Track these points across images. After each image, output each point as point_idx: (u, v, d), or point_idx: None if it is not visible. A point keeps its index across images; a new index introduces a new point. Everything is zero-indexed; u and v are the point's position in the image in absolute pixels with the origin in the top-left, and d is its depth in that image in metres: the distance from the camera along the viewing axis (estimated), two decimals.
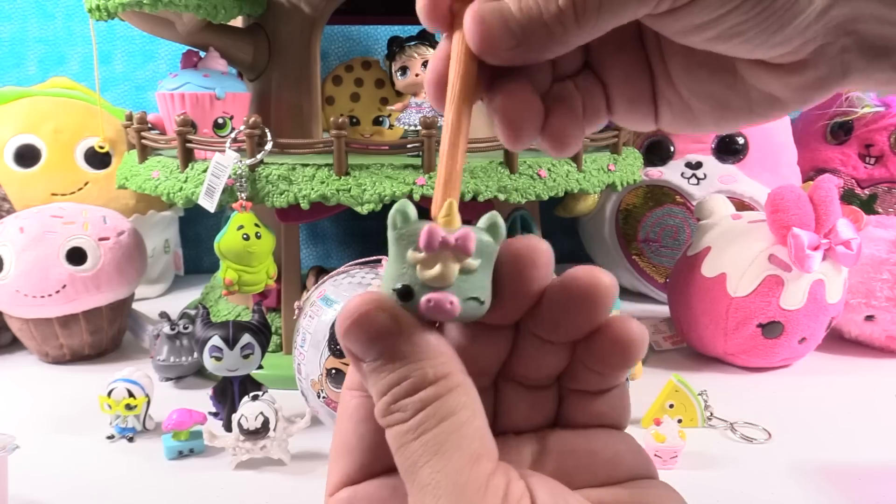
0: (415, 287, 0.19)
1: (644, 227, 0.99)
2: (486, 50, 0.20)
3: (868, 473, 0.56)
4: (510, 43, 0.20)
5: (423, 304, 0.18)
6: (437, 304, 0.18)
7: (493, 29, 0.20)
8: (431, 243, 0.18)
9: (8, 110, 0.98)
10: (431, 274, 0.18)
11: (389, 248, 0.19)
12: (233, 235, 0.65)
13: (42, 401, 0.70)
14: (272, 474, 0.56)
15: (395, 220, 0.19)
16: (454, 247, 0.18)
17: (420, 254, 0.18)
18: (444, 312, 0.18)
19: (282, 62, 0.78)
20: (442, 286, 0.18)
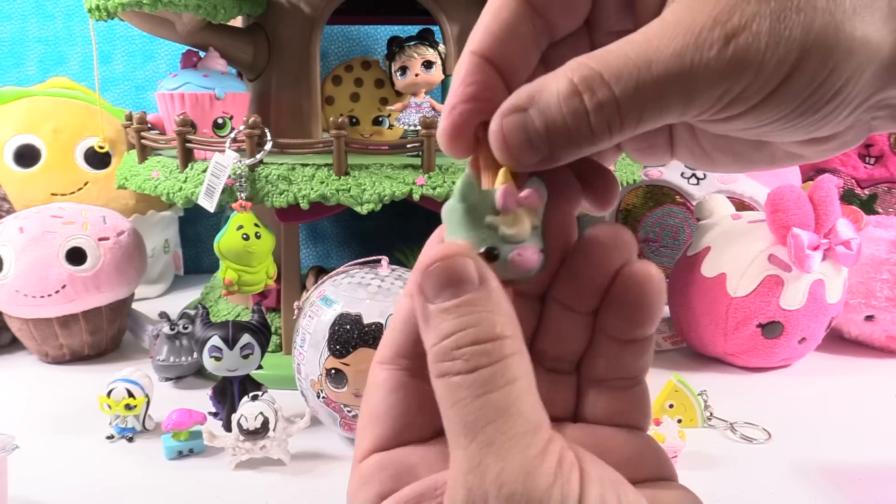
0: (499, 247, 0.20)
1: (644, 227, 0.99)
2: (512, 165, 0.20)
3: (868, 473, 0.56)
4: (535, 158, 0.20)
5: (513, 257, 0.20)
6: (524, 256, 0.20)
7: (517, 148, 0.20)
8: (508, 203, 0.20)
9: (8, 110, 0.98)
10: (514, 230, 0.20)
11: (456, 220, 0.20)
12: (232, 235, 0.65)
13: (42, 401, 0.70)
14: (272, 474, 0.56)
15: (465, 193, 0.20)
16: (528, 203, 0.20)
17: (498, 216, 0.20)
18: (530, 262, 0.20)
19: (282, 62, 0.78)
20: (522, 240, 0.20)
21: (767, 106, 0.19)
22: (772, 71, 0.18)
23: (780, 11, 0.18)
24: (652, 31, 0.19)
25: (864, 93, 0.19)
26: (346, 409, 0.57)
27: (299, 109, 0.78)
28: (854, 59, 0.18)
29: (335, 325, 0.55)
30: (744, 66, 0.18)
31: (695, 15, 0.18)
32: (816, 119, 0.20)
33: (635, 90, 0.18)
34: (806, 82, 0.18)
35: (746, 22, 0.18)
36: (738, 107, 0.19)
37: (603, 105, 0.19)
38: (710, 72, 0.18)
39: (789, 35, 0.18)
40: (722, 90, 0.18)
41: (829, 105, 0.19)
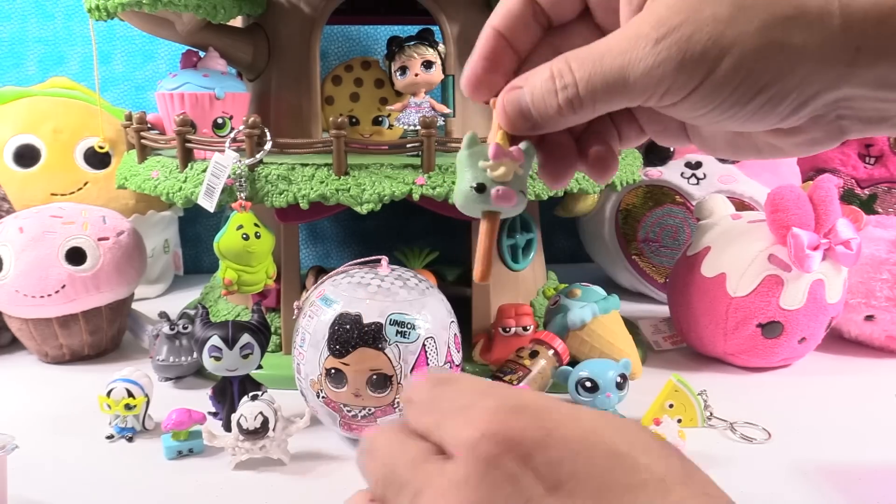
0: (486, 184, 0.27)
1: (644, 227, 0.99)
2: (509, 128, 0.27)
3: (868, 473, 0.56)
4: (526, 125, 0.27)
5: (494, 193, 0.27)
6: (504, 193, 0.27)
7: (513, 116, 0.27)
8: (498, 154, 0.27)
9: (8, 110, 0.98)
10: (499, 173, 0.27)
11: (462, 162, 0.28)
12: (232, 235, 0.65)
13: (41, 401, 0.70)
14: (271, 474, 0.56)
15: (468, 143, 0.28)
16: (512, 156, 0.27)
17: (489, 161, 0.27)
18: (508, 199, 0.27)
19: (281, 62, 0.78)
20: (505, 182, 0.27)
21: (697, 97, 0.24)
22: (692, 69, 0.23)
23: (701, 22, 0.22)
24: (616, 35, 0.24)
25: (802, 89, 0.23)
26: (345, 408, 0.57)
27: (299, 109, 0.78)
28: (776, 60, 0.22)
29: (335, 325, 0.55)
30: (666, 64, 0.23)
31: (642, 22, 0.24)
32: (753, 110, 0.24)
33: (589, 78, 0.24)
34: (725, 80, 0.23)
35: (672, 29, 0.23)
36: (671, 97, 0.24)
37: (566, 87, 0.25)
38: (642, 67, 0.23)
39: (707, 41, 0.22)
40: (653, 82, 0.23)
41: (760, 97, 0.23)
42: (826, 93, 0.23)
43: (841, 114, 0.24)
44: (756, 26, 0.22)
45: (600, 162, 0.29)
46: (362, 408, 0.56)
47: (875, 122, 0.24)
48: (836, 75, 0.22)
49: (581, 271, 1.10)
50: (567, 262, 1.22)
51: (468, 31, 0.77)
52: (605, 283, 0.83)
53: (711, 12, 0.22)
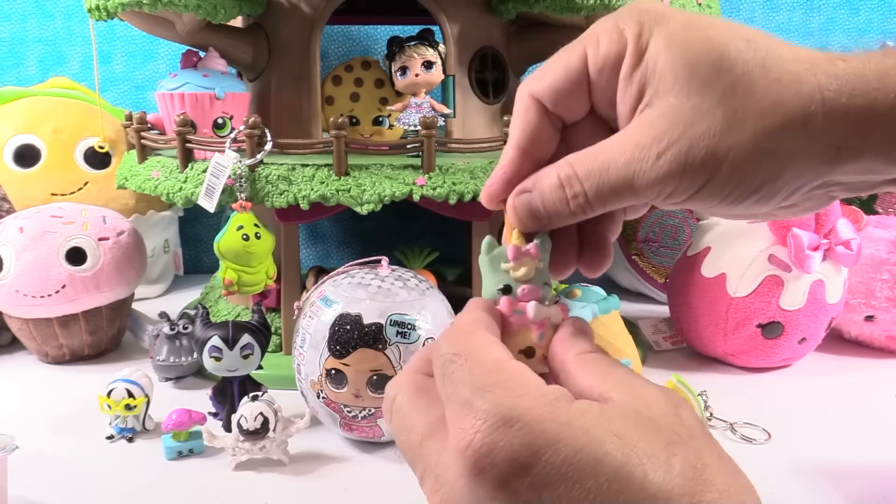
0: (511, 285, 0.29)
1: (644, 227, 0.99)
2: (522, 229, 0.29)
3: (868, 473, 0.56)
4: (537, 225, 0.29)
5: (520, 292, 0.29)
6: (529, 291, 0.29)
7: (524, 217, 0.29)
8: (517, 255, 0.29)
9: (8, 110, 0.98)
10: (521, 273, 0.29)
11: (484, 267, 0.30)
12: (232, 235, 0.65)
13: (42, 401, 0.70)
14: (272, 475, 0.56)
15: (486, 249, 0.30)
16: (531, 254, 0.29)
17: (510, 263, 0.29)
18: (534, 295, 0.29)
19: (282, 62, 0.78)
20: (527, 280, 0.29)
21: (698, 199, 0.26)
22: (692, 178, 0.25)
23: (699, 136, 0.25)
24: (615, 142, 0.27)
25: (791, 185, 0.26)
26: (346, 409, 0.57)
27: (299, 109, 0.78)
28: (767, 166, 0.25)
29: (335, 326, 0.55)
30: (669, 176, 0.25)
31: (641, 134, 0.26)
32: (749, 205, 0.26)
33: (597, 188, 0.27)
34: (722, 185, 0.25)
35: (672, 144, 0.25)
36: (674, 199, 0.27)
37: (577, 195, 0.27)
38: (647, 178, 0.26)
39: (704, 154, 0.25)
40: (657, 189, 0.26)
41: (755, 196, 0.26)
42: (813, 182, 0.26)
43: (830, 190, 0.27)
44: (747, 137, 0.24)
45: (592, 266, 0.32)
46: (363, 408, 0.56)
47: (862, 190, 0.27)
48: (821, 171, 0.25)
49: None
50: None
51: (468, 31, 0.77)
52: (605, 283, 0.83)
53: (707, 126, 0.25)
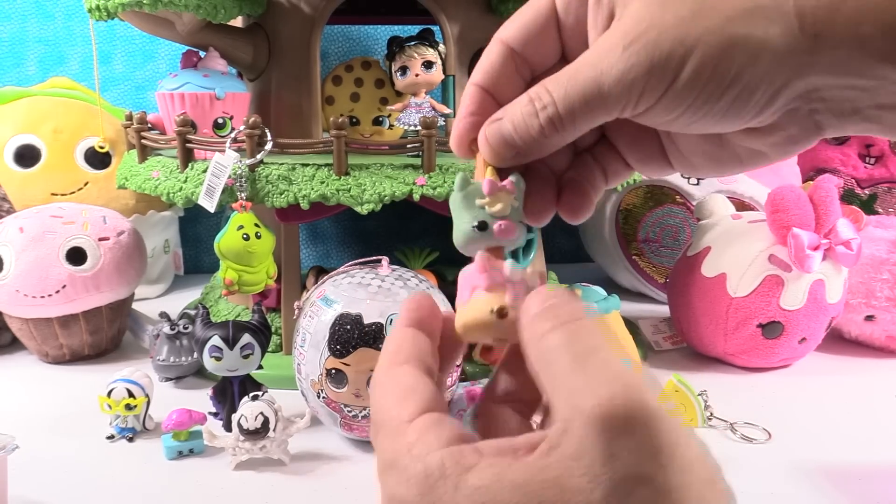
0: (487, 220, 0.27)
1: (644, 227, 0.99)
2: (495, 161, 0.27)
3: (868, 473, 0.56)
4: (511, 153, 0.27)
5: (496, 228, 0.27)
6: (506, 227, 0.27)
7: (496, 146, 0.27)
8: (492, 189, 0.27)
9: (8, 110, 0.98)
10: (497, 208, 0.27)
11: (457, 204, 0.28)
12: (233, 235, 0.65)
13: (42, 401, 0.70)
14: (272, 474, 0.56)
15: (460, 185, 0.27)
16: (507, 189, 0.27)
17: (485, 198, 0.27)
18: (511, 231, 0.27)
19: (282, 62, 0.78)
20: (504, 215, 0.27)
21: (670, 98, 0.24)
22: (661, 70, 0.23)
23: (665, 25, 0.23)
24: (585, 53, 0.25)
25: (770, 80, 0.23)
26: (346, 409, 0.57)
27: (299, 109, 0.78)
28: (738, 53, 0.23)
29: (335, 326, 0.55)
30: (637, 69, 0.24)
31: (610, 36, 0.24)
32: (724, 106, 0.24)
33: (565, 94, 0.25)
34: (694, 77, 0.23)
35: (638, 36, 0.24)
36: (646, 101, 0.24)
37: (546, 106, 0.25)
38: (614, 74, 0.24)
39: (673, 40, 0.23)
40: (626, 88, 0.24)
41: (730, 91, 0.24)
42: (794, 82, 0.24)
43: (814, 107, 0.25)
44: (716, 23, 0.23)
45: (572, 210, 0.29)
46: (363, 408, 0.56)
47: (848, 114, 0.24)
48: (800, 63, 0.23)
49: (581, 271, 1.10)
50: (567, 262, 1.22)
51: (468, 31, 0.77)
52: (605, 283, 0.83)
53: (673, 15, 0.23)
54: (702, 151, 0.28)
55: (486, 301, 0.26)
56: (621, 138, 0.30)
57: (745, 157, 0.28)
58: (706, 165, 0.29)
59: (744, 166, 0.28)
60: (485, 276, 0.26)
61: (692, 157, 0.29)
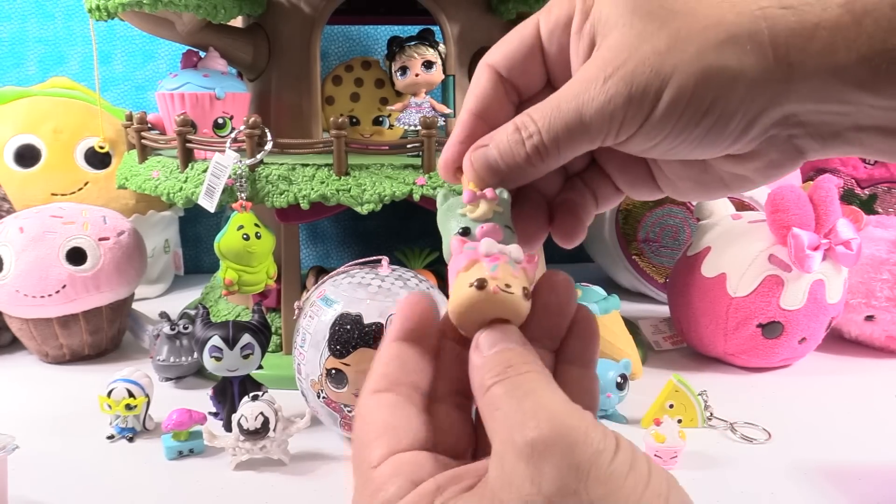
0: (470, 226, 0.27)
1: (644, 227, 0.99)
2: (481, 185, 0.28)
3: (868, 473, 0.56)
4: (496, 179, 0.28)
5: (479, 231, 0.27)
6: (489, 229, 0.27)
7: (482, 171, 0.28)
8: (472, 197, 0.27)
9: (8, 110, 0.98)
10: (479, 213, 0.27)
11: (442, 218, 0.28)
12: (233, 235, 0.65)
13: (42, 401, 0.70)
14: (272, 474, 0.56)
15: (441, 200, 0.28)
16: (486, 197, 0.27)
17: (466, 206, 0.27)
18: (494, 233, 0.27)
19: (282, 62, 0.78)
20: (486, 219, 0.27)
21: (649, 127, 0.25)
22: (639, 101, 0.24)
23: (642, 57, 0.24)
24: (567, 84, 0.26)
25: (746, 108, 0.24)
26: (346, 409, 0.57)
27: (299, 109, 0.78)
28: (713, 82, 0.23)
29: (335, 326, 0.55)
30: (616, 99, 0.24)
31: (590, 67, 0.25)
32: (701, 133, 0.25)
33: (549, 124, 0.26)
34: (671, 106, 0.24)
35: (617, 68, 0.24)
36: (626, 130, 0.25)
37: (532, 135, 0.26)
38: (595, 106, 0.25)
39: (649, 73, 0.24)
40: (606, 118, 0.25)
41: (706, 120, 0.24)
42: (770, 110, 0.24)
43: (792, 133, 0.25)
44: (691, 54, 0.24)
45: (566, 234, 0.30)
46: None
47: (828, 137, 0.25)
48: (775, 92, 0.24)
49: (581, 271, 1.10)
50: (567, 262, 1.22)
51: (468, 31, 0.77)
52: (605, 283, 0.83)
53: (650, 47, 0.24)
54: (687, 177, 0.29)
55: (464, 278, 0.25)
56: (611, 163, 0.30)
57: (730, 182, 0.28)
58: (692, 189, 0.30)
59: (729, 190, 0.29)
60: (461, 257, 0.26)
61: (678, 182, 0.29)
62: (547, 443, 0.20)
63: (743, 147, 0.26)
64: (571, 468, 0.20)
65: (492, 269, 0.25)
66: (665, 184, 0.30)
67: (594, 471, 0.20)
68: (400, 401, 0.25)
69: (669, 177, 0.29)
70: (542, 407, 0.21)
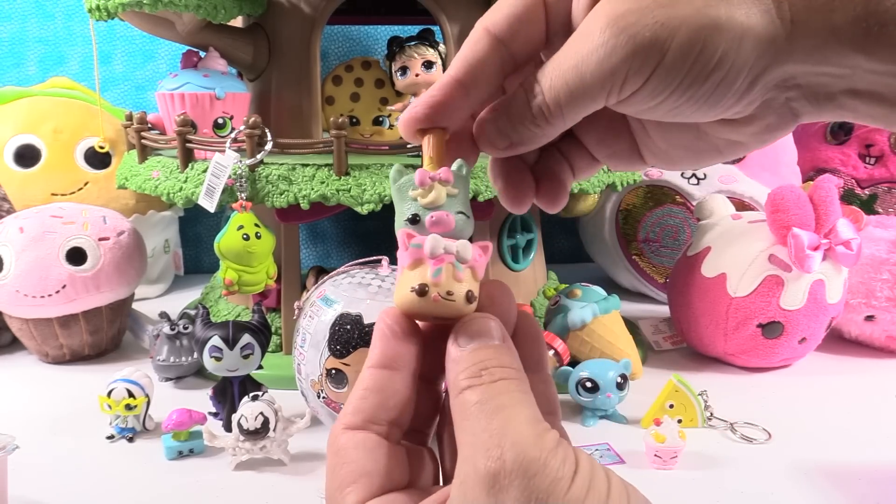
0: (419, 213, 0.25)
1: (644, 227, 0.99)
2: (488, 150, 0.27)
3: (868, 473, 0.56)
4: (504, 143, 0.27)
5: (427, 220, 0.25)
6: (437, 218, 0.25)
7: (491, 134, 0.27)
8: (423, 180, 0.26)
9: (8, 110, 0.98)
10: (429, 199, 0.26)
11: (394, 197, 0.26)
12: (233, 235, 0.65)
13: (42, 401, 0.70)
14: (272, 474, 0.56)
15: (394, 177, 0.26)
16: (440, 178, 0.26)
17: (417, 189, 0.26)
18: (443, 223, 0.25)
19: (282, 62, 0.78)
20: (437, 206, 0.26)
21: (655, 82, 0.24)
22: (644, 54, 0.23)
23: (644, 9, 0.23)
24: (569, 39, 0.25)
25: (753, 64, 0.23)
26: None
27: (299, 109, 0.78)
28: (723, 35, 0.23)
29: (335, 326, 0.55)
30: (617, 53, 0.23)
31: (589, 22, 0.24)
32: (709, 90, 0.24)
33: (551, 84, 0.25)
34: (680, 58, 0.23)
35: (616, 19, 0.23)
36: (630, 86, 0.24)
37: (535, 95, 0.25)
38: (595, 60, 0.23)
39: (654, 24, 0.23)
40: (608, 74, 0.23)
41: (715, 75, 0.23)
42: (772, 69, 0.24)
43: (789, 95, 0.25)
44: (697, 5, 0.23)
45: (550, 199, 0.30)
46: None
47: (822, 100, 0.25)
48: (778, 50, 0.23)
49: (581, 271, 1.10)
50: (567, 262, 1.22)
51: (468, 31, 0.77)
52: (605, 283, 0.83)
53: None
54: (680, 144, 0.28)
55: (407, 279, 0.25)
56: (589, 135, 0.30)
57: (724, 148, 0.28)
58: (685, 157, 0.29)
59: (722, 157, 0.28)
60: (406, 254, 0.25)
61: (671, 149, 0.29)
62: (508, 474, 0.21)
63: (743, 109, 0.25)
64: (530, 499, 0.21)
65: (434, 273, 0.24)
66: (653, 153, 0.29)
67: (552, 499, 0.21)
68: (375, 441, 0.25)
69: (660, 145, 0.29)
70: (508, 432, 0.22)
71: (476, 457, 0.22)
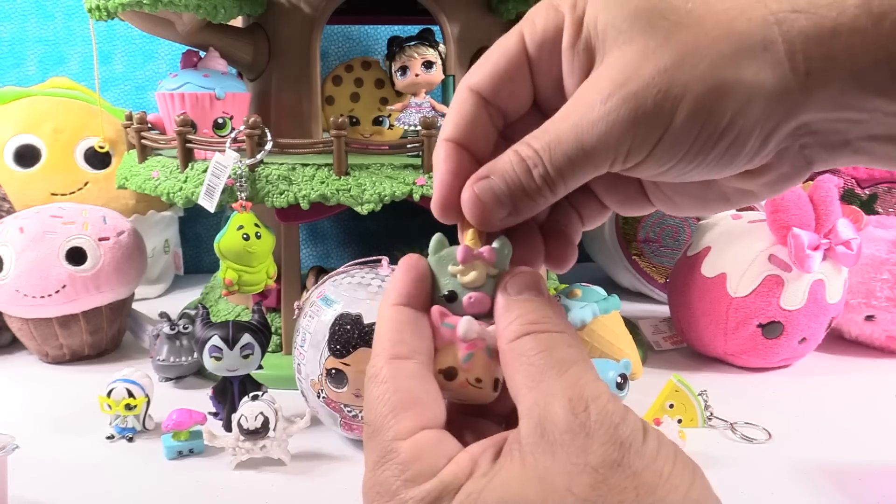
0: (457, 291, 0.25)
1: (644, 227, 0.99)
2: (481, 223, 0.25)
3: (868, 473, 0.56)
4: (503, 212, 0.25)
5: (465, 301, 0.25)
6: (476, 299, 0.25)
7: (489, 204, 0.25)
8: (467, 257, 0.25)
9: (8, 110, 0.98)
10: (469, 278, 0.25)
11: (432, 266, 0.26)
12: (233, 235, 0.65)
13: (42, 401, 0.70)
14: (272, 474, 0.56)
15: (434, 248, 0.26)
16: (483, 258, 0.25)
17: (458, 266, 0.25)
18: (482, 305, 0.25)
19: (282, 62, 0.78)
20: (477, 287, 0.25)
21: (661, 151, 0.23)
22: (648, 124, 0.22)
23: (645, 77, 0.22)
24: (563, 108, 0.24)
25: (763, 124, 0.22)
26: (346, 409, 0.57)
27: (299, 109, 0.78)
28: (731, 98, 0.22)
29: (335, 325, 0.55)
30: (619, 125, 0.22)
31: (587, 90, 0.23)
32: (719, 154, 0.23)
33: (551, 156, 0.24)
34: (686, 127, 0.22)
35: (616, 89, 0.22)
36: (636, 156, 0.23)
37: (536, 165, 0.24)
38: (596, 133, 0.23)
39: (657, 92, 0.22)
40: (611, 145, 0.23)
41: (724, 139, 0.22)
42: (786, 123, 0.23)
43: (804, 143, 0.24)
44: (703, 69, 0.22)
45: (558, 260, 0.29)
46: (363, 408, 0.56)
47: (837, 146, 0.24)
48: (793, 103, 0.22)
49: (581, 271, 1.10)
50: None
51: (468, 31, 0.77)
52: (605, 283, 0.83)
53: (655, 65, 0.22)
54: (687, 193, 0.27)
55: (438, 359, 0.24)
56: (599, 182, 0.28)
57: (733, 197, 0.27)
58: (691, 205, 0.28)
59: (731, 205, 0.28)
60: (436, 335, 0.25)
61: (676, 198, 0.28)
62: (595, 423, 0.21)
63: (756, 163, 0.24)
64: (616, 443, 0.21)
65: (465, 359, 0.24)
66: (660, 200, 0.28)
67: (634, 446, 0.21)
68: (422, 372, 0.24)
69: (667, 193, 0.28)
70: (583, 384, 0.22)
71: (553, 404, 0.22)
